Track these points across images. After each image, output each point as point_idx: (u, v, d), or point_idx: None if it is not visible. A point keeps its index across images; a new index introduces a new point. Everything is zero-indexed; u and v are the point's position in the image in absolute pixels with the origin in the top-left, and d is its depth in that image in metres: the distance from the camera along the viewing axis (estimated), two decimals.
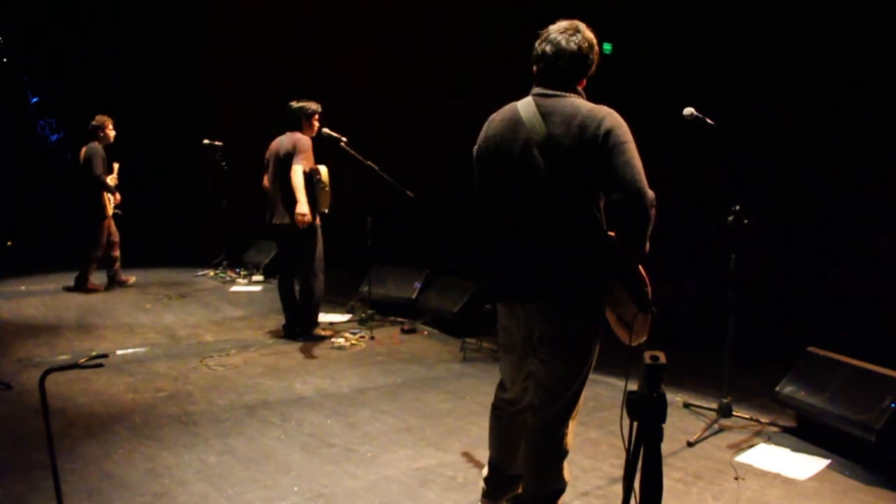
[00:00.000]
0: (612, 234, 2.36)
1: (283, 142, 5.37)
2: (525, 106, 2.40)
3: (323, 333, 5.61)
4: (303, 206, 5.16)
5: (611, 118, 2.29)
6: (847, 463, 3.34)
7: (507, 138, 2.42)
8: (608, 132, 2.25)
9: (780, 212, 4.88)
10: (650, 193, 2.24)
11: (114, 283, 7.55)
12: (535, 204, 2.37)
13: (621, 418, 2.26)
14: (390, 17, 7.79)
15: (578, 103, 2.34)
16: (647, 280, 2.39)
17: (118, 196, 7.30)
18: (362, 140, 5.65)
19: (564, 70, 2.40)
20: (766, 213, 4.35)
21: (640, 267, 2.39)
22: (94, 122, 7.18)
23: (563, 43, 2.38)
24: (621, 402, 2.26)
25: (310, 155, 5.29)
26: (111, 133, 7.22)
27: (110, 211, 7.26)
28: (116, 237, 7.39)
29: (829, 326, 4.46)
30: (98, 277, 7.45)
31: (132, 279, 7.72)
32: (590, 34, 2.44)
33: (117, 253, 7.44)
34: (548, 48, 2.40)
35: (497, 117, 2.51)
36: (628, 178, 2.22)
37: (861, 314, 4.55)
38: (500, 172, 2.45)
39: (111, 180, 7.25)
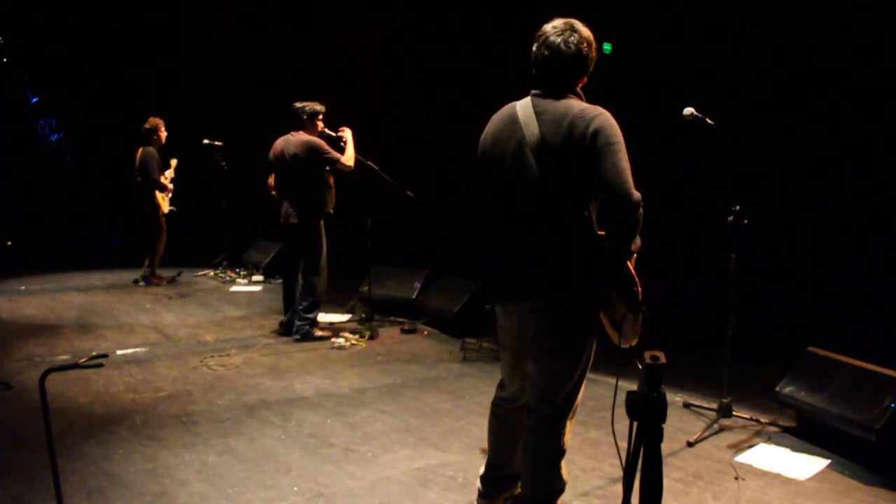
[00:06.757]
0: (602, 233, 2.35)
1: (289, 142, 5.31)
2: (523, 106, 2.41)
3: (321, 334, 5.59)
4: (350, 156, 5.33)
5: (600, 119, 2.27)
6: (847, 463, 3.34)
7: (503, 137, 2.43)
8: (596, 133, 2.24)
9: (781, 212, 4.87)
10: (636, 195, 2.24)
11: (148, 279, 7.78)
12: (526, 203, 2.37)
13: (612, 420, 2.26)
14: (390, 17, 7.79)
15: (571, 104, 2.33)
16: (637, 280, 2.37)
17: (171, 187, 7.63)
18: (362, 140, 5.64)
19: (562, 72, 2.39)
20: (767, 213, 4.34)
21: (631, 267, 2.38)
22: (146, 126, 7.46)
23: (562, 46, 2.36)
24: (612, 403, 2.26)
25: (330, 148, 5.30)
26: (163, 135, 7.53)
27: (165, 209, 7.61)
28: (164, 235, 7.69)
29: (829, 326, 4.46)
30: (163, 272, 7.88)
31: (164, 281, 7.85)
32: (586, 32, 2.41)
33: (161, 249, 7.72)
34: (545, 51, 2.39)
35: (497, 116, 2.52)
36: (615, 179, 2.22)
37: (861, 314, 4.55)
38: (496, 171, 2.46)
39: (169, 174, 7.65)
